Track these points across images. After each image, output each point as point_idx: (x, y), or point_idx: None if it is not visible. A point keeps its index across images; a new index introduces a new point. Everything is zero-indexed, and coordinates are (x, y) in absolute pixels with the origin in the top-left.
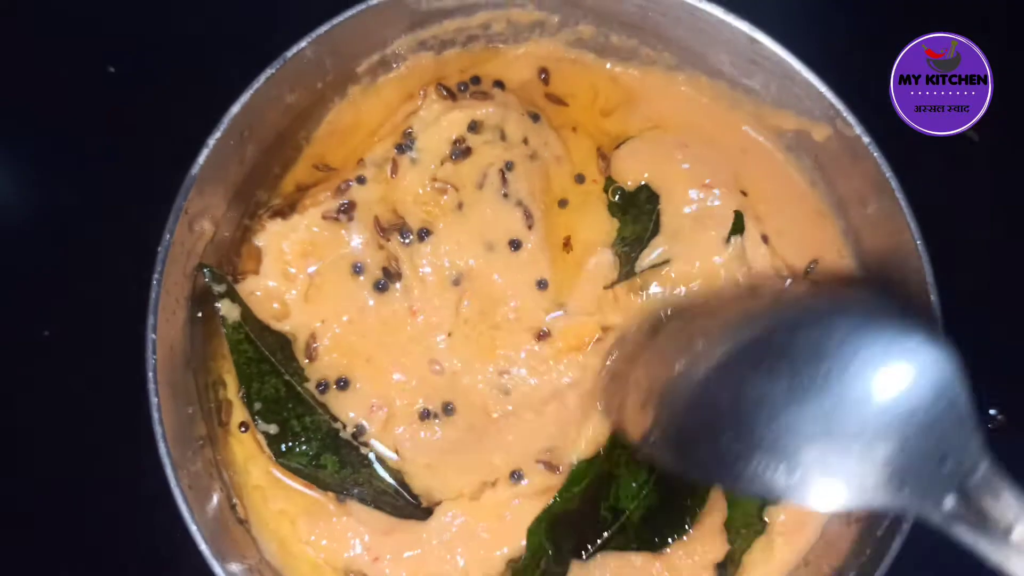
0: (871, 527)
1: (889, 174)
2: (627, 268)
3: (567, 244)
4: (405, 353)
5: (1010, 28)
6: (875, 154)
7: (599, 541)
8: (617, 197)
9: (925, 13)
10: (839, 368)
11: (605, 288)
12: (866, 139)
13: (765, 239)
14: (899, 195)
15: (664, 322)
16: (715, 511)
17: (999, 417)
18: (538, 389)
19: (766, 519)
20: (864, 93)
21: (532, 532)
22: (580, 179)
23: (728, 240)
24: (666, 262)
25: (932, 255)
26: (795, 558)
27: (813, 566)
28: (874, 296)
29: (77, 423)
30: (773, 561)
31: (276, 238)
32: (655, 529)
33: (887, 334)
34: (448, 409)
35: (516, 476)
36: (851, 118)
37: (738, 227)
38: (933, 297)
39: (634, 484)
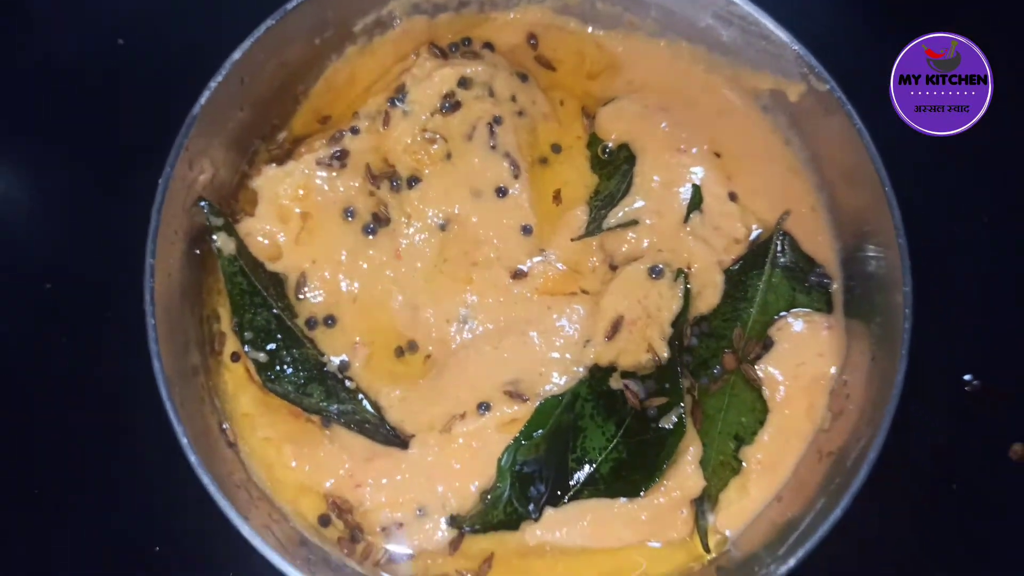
0: (841, 460)
1: (859, 125)
2: (595, 224)
3: (557, 197)
4: (387, 294)
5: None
6: (845, 106)
7: (571, 490)
8: (599, 153)
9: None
10: None
11: (572, 240)
12: (837, 93)
13: (733, 197)
14: (869, 145)
15: None
16: (690, 449)
17: (975, 382)
18: (497, 322)
19: (741, 460)
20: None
21: (501, 464)
22: (557, 148)
23: (687, 217)
24: (632, 223)
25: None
26: (769, 495)
27: (786, 501)
28: None
29: (77, 371)
30: (748, 498)
31: (272, 182)
32: (625, 480)
33: None
34: (412, 345)
35: (483, 407)
36: (823, 72)
37: (696, 202)
38: (901, 240)
39: (603, 436)
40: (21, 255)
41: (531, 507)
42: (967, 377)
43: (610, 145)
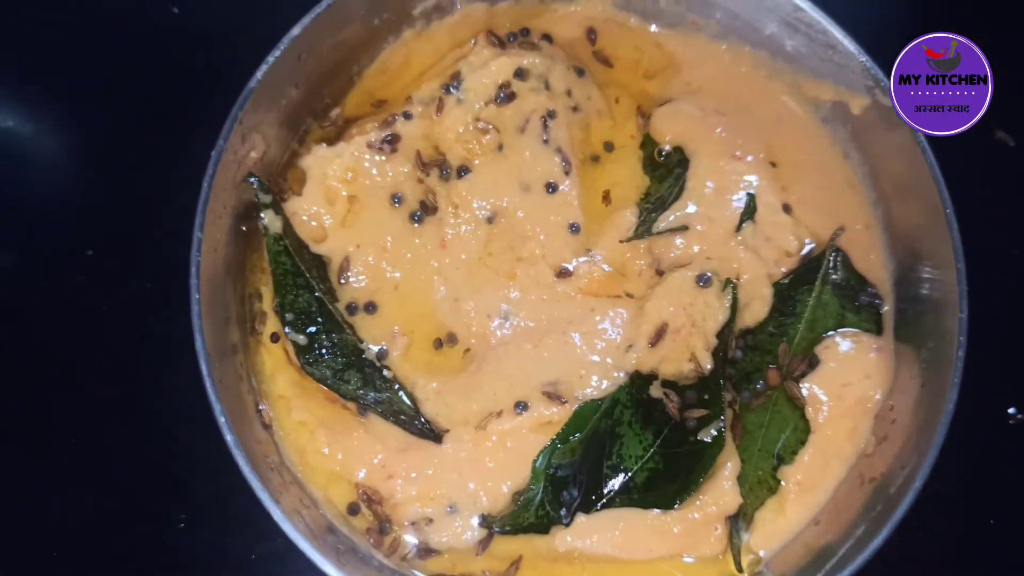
0: (883, 486)
1: (923, 143)
2: (644, 227)
3: (607, 197)
4: (430, 284)
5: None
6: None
7: (604, 497)
8: (655, 155)
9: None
10: None
11: (620, 242)
12: None
13: (787, 209)
14: (931, 164)
15: None
16: (728, 465)
17: (1018, 416)
18: (539, 320)
19: (780, 479)
20: None
21: (536, 466)
22: (610, 147)
23: (740, 226)
24: (683, 228)
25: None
26: (806, 518)
27: (823, 525)
28: None
29: (115, 341)
30: (784, 519)
31: (321, 163)
32: (660, 491)
33: None
34: (451, 338)
35: (520, 407)
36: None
37: (750, 211)
38: (960, 265)
39: (640, 445)
40: (66, 220)
41: (563, 512)
42: (1011, 411)
43: (667, 148)
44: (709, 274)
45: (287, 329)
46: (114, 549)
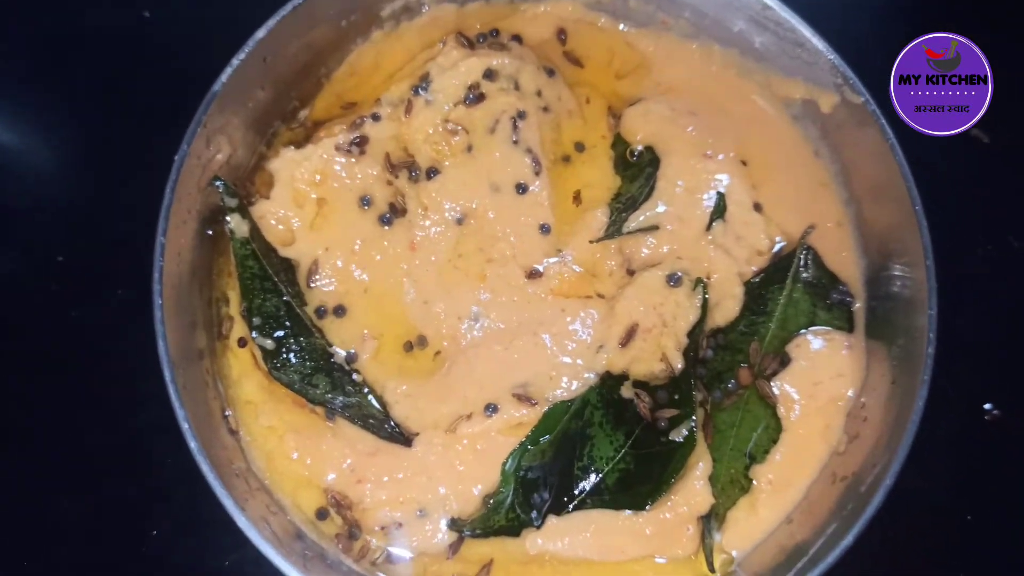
0: (855, 484)
1: (892, 141)
2: (615, 227)
3: (577, 197)
4: (399, 287)
5: (1010, 28)
6: (879, 120)
7: (576, 499)
8: (627, 155)
9: (925, 13)
10: None
11: (591, 243)
12: (871, 106)
13: (758, 207)
14: (901, 163)
15: None
16: (699, 465)
17: (994, 412)
18: (510, 322)
19: (752, 478)
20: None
21: (505, 468)
22: (580, 147)
23: (710, 225)
24: (653, 227)
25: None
26: (779, 516)
27: (796, 523)
28: None
29: (85, 347)
30: (757, 518)
31: (289, 165)
32: (632, 492)
33: None
34: (421, 340)
35: (490, 409)
36: (858, 85)
37: (720, 210)
38: (929, 262)
39: (611, 446)
40: (35, 226)
41: (534, 514)
42: (987, 406)
43: (640, 148)
44: (680, 273)
45: (254, 334)
46: (89, 557)
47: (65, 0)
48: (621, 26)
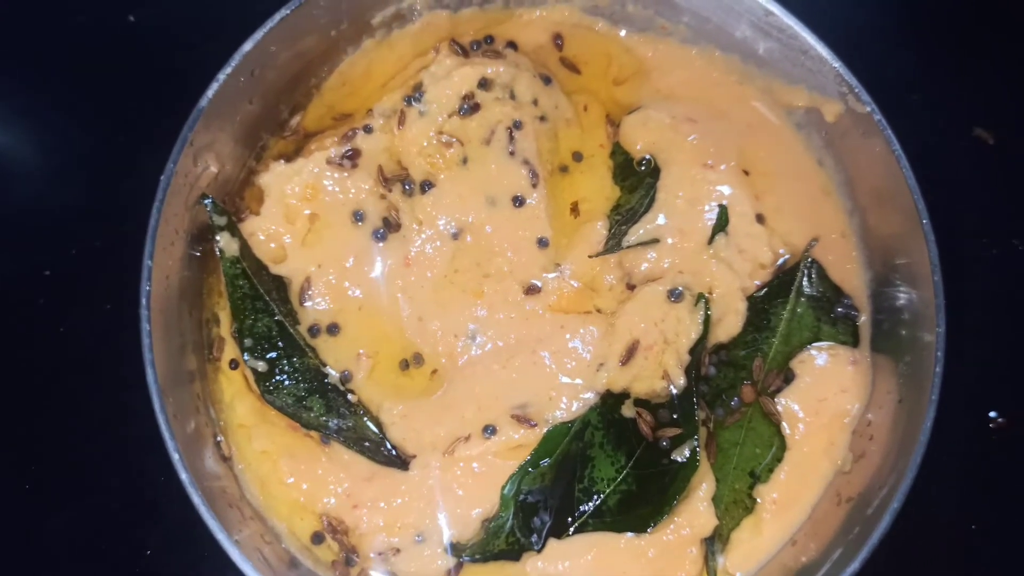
0: (861, 506)
1: (898, 151)
2: (614, 241)
3: (575, 209)
4: (394, 304)
5: (1014, 31)
6: (885, 131)
7: (576, 522)
8: (635, 166)
9: (930, 21)
10: None
11: (589, 257)
12: (877, 116)
13: (761, 219)
14: (907, 173)
15: None
16: (702, 485)
17: (999, 419)
18: (507, 339)
19: (756, 498)
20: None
21: (504, 493)
22: (579, 157)
23: (712, 238)
24: (654, 241)
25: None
26: (783, 537)
27: (800, 545)
28: None
29: (75, 363)
30: (761, 539)
31: (280, 180)
32: (633, 514)
33: None
34: (417, 358)
35: (489, 431)
36: (863, 94)
37: (723, 223)
38: (937, 278)
39: (612, 467)
40: (21, 239)
41: (534, 537)
42: (992, 414)
43: (648, 157)
44: (681, 288)
45: (245, 355)
46: (81, 575)
47: (48, 4)
48: (620, 32)
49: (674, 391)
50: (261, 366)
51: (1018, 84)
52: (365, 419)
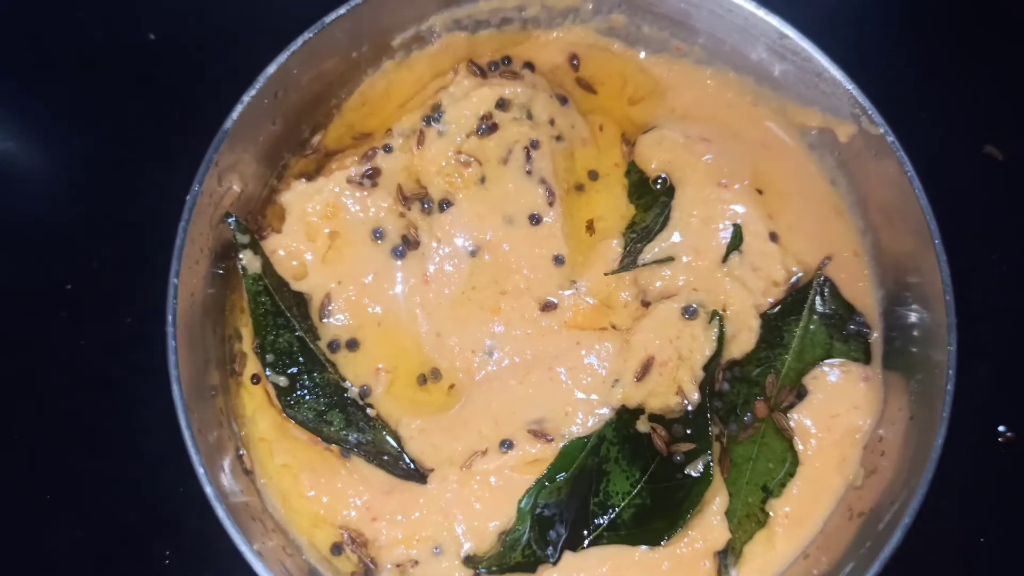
0: (873, 521)
1: (911, 172)
2: (630, 259)
3: (590, 227)
4: (413, 320)
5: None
6: (898, 152)
7: (591, 535)
8: (651, 183)
9: (942, 40)
10: None
11: (605, 275)
12: (890, 138)
13: (774, 237)
14: (920, 194)
15: None
16: (716, 499)
17: (1008, 434)
18: (524, 355)
19: (769, 511)
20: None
21: (521, 506)
22: (594, 175)
23: (726, 257)
24: (668, 259)
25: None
26: (795, 551)
27: (812, 559)
28: None
29: (96, 377)
30: (773, 552)
31: (301, 198)
32: (648, 528)
33: None
34: (435, 374)
35: (506, 445)
36: (876, 116)
37: (737, 242)
38: (948, 297)
39: (627, 481)
40: (44, 254)
41: (550, 550)
42: (1001, 428)
43: (663, 176)
44: (695, 306)
45: (267, 371)
46: None
47: (66, 22)
48: (636, 53)
49: (688, 407)
50: (282, 381)
51: None
52: (384, 433)
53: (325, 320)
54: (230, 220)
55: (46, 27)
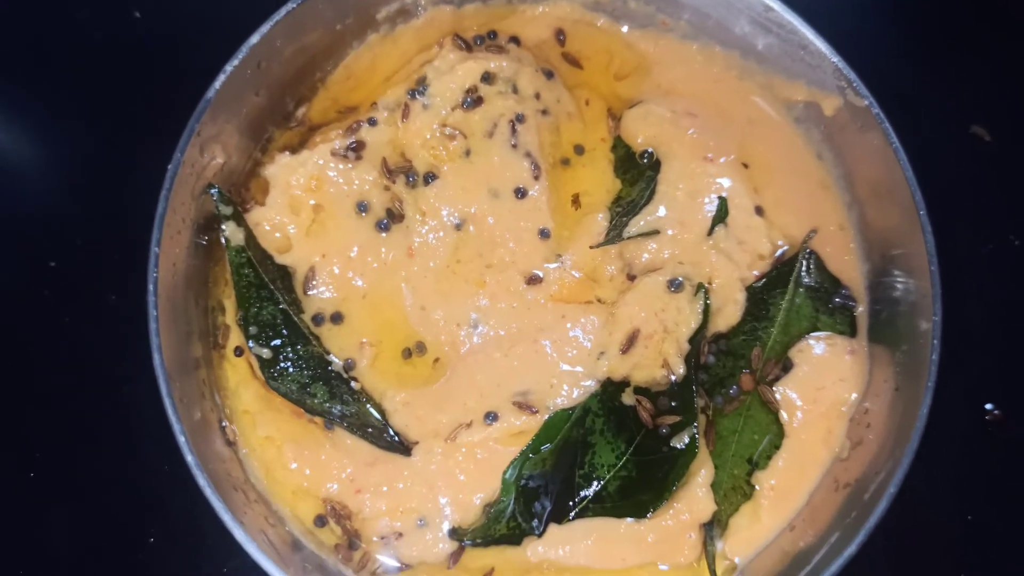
0: (858, 492)
1: (896, 144)
2: (615, 232)
3: (576, 201)
4: (397, 293)
5: (1012, 27)
6: (883, 124)
7: (577, 507)
8: (623, 156)
9: (929, 15)
10: None
11: (590, 248)
12: (875, 110)
13: (760, 211)
14: (905, 165)
15: None
16: (701, 472)
17: (995, 412)
18: (509, 328)
19: (754, 484)
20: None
21: (506, 477)
22: (580, 150)
23: (712, 230)
24: (654, 232)
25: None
26: (781, 523)
27: (798, 530)
28: None
29: (79, 354)
30: (759, 525)
31: (285, 171)
32: (633, 500)
33: None
34: (420, 347)
35: (491, 417)
36: (862, 88)
37: (722, 215)
38: (933, 268)
39: (612, 454)
40: (27, 231)
41: (535, 523)
42: (988, 406)
43: (649, 151)
44: (681, 279)
45: (250, 342)
46: (84, 567)
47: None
48: (622, 27)
49: (674, 379)
50: (266, 353)
51: (1015, 82)
52: (368, 406)
53: (309, 293)
54: (213, 191)
55: (28, 6)
